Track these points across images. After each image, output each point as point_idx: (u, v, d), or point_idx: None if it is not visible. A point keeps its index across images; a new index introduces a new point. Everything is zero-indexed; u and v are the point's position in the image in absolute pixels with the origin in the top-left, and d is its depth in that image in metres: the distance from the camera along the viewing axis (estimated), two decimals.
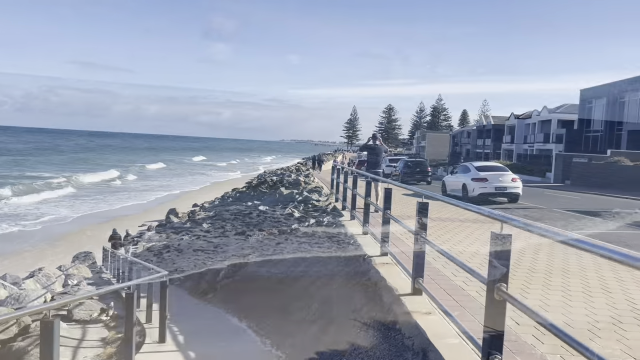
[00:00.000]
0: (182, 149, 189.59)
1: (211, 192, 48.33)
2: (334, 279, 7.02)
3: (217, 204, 34.05)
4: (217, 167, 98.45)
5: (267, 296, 8.81)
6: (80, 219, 32.27)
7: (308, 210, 14.33)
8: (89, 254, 21.63)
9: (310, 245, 10.02)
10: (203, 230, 22.78)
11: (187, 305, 10.81)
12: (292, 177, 29.81)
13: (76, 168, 72.45)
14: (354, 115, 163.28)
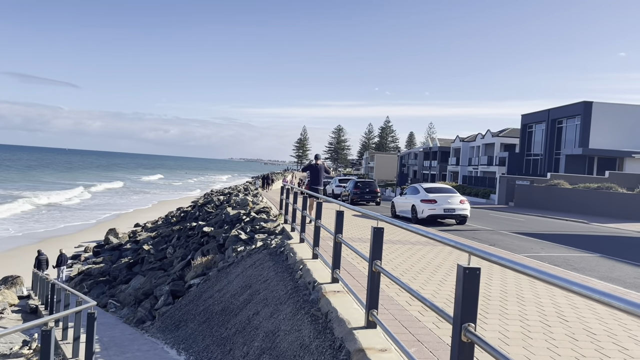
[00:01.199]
0: (135, 167, 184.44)
1: (156, 211, 46.64)
2: (280, 309, 6.51)
3: (160, 224, 32.74)
4: (173, 186, 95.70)
5: (208, 327, 8.16)
6: (11, 239, 30.07)
7: (256, 231, 13.74)
8: (17, 278, 20.01)
9: (256, 269, 9.46)
10: (144, 252, 21.67)
11: (122, 335, 9.96)
12: (240, 196, 29.04)
13: (30, 186, 68.24)
14: (303, 135, 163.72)
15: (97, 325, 11.29)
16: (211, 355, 6.95)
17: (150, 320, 11.18)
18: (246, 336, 6.58)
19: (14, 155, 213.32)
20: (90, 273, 21.24)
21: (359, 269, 7.54)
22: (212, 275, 11.30)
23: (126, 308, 13.74)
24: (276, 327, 6.04)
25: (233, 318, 7.72)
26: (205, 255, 13.88)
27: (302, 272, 7.55)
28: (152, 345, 8.73)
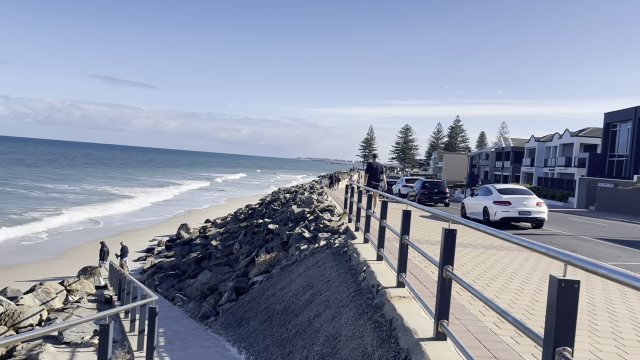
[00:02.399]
0: (215, 165, 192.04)
1: (227, 208, 47.84)
2: (342, 312, 6.18)
3: (229, 220, 33.45)
4: (255, 184, 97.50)
5: (269, 326, 7.99)
6: (94, 231, 31.81)
7: (319, 230, 13.52)
8: (95, 269, 21.01)
9: (319, 269, 9.20)
10: (212, 247, 22.11)
11: (186, 330, 10.03)
12: (305, 195, 29.04)
13: (127, 184, 72.64)
14: (370, 135, 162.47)
15: (164, 318, 11.50)
16: (270, 357, 6.75)
17: (214, 316, 11.23)
18: (306, 339, 6.31)
19: (103, 153, 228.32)
20: (162, 266, 21.92)
21: (426, 273, 7.07)
22: (275, 273, 11.18)
23: (192, 302, 13.95)
24: (337, 331, 5.72)
25: (294, 319, 7.49)
26: (269, 252, 13.83)
27: (365, 274, 7.19)
28: (214, 341, 8.69)
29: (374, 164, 15.34)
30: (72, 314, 13.01)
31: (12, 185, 57.32)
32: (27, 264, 22.60)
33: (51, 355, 8.35)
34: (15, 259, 23.25)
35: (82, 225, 34.23)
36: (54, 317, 12.55)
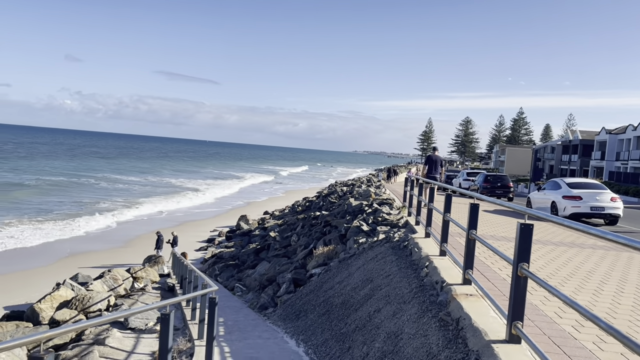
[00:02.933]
0: (277, 158, 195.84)
1: (285, 200, 48.36)
2: (404, 309, 5.95)
3: (287, 212, 33.75)
4: (317, 177, 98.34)
5: (327, 320, 7.87)
6: (159, 221, 32.99)
7: (378, 223, 13.27)
8: (159, 257, 21.74)
9: (378, 263, 8.98)
10: (271, 238, 22.34)
11: (245, 320, 10.11)
12: (363, 188, 28.77)
13: (194, 176, 75.57)
14: (429, 128, 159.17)
15: (223, 308, 11.67)
16: (329, 351, 6.62)
17: (272, 307, 11.27)
18: (366, 335, 6.14)
19: (169, 146, 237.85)
20: (222, 256, 22.38)
21: (493, 270, 6.71)
22: (333, 266, 11.06)
23: (251, 293, 14.10)
24: (399, 328, 5.51)
25: (353, 313, 7.32)
26: (327, 245, 13.73)
27: (428, 269, 6.91)
28: (272, 333, 8.69)
29: (433, 156, 15.37)
30: (137, 301, 13.47)
31: (88, 176, 60.58)
32: (97, 251, 23.74)
33: (117, 340, 8.62)
34: (87, 246, 24.49)
35: (147, 215, 35.58)
36: (121, 303, 13.03)
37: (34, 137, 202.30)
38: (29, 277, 18.72)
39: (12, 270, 19.41)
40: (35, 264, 20.69)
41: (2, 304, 15.45)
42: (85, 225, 29.26)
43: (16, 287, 17.25)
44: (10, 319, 12.66)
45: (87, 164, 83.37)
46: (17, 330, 11.05)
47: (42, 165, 70.93)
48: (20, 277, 18.62)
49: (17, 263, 20.59)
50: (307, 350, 7.19)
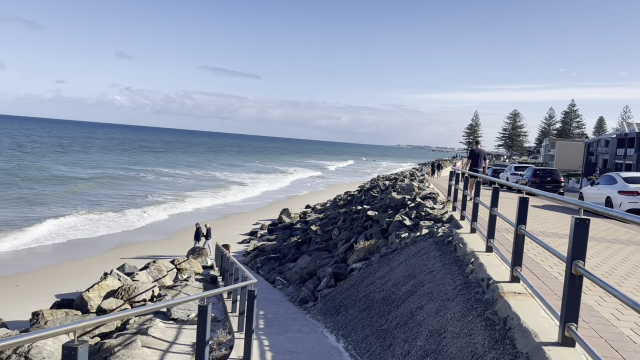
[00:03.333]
0: (322, 153, 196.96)
1: (326, 194, 48.35)
2: (447, 306, 5.72)
3: (328, 206, 33.69)
4: (366, 172, 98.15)
5: (368, 315, 7.70)
6: (201, 214, 33.62)
7: (421, 218, 12.96)
8: (203, 249, 22.11)
9: (420, 258, 8.73)
10: (312, 232, 22.32)
11: (285, 313, 10.07)
12: (406, 182, 28.33)
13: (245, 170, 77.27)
14: (475, 121, 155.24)
15: (264, 300, 11.69)
16: (370, 348, 6.46)
17: (312, 301, 11.19)
18: (408, 332, 5.94)
19: (216, 141, 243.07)
20: (264, 249, 22.54)
21: (543, 268, 6.36)
22: (374, 261, 10.87)
23: (292, 286, 14.08)
24: (442, 326, 5.28)
25: (394, 309, 7.13)
26: (368, 239, 13.54)
27: (473, 266, 6.63)
28: (312, 327, 8.60)
29: (476, 150, 15.56)
30: (180, 292, 13.69)
31: (139, 170, 62.46)
32: (144, 242, 24.40)
33: (160, 330, 8.74)
34: (135, 238, 25.22)
35: (192, 208, 36.31)
36: (164, 293, 13.28)
37: (88, 132, 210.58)
38: (79, 266, 19.42)
39: (64, 260, 20.19)
40: (85, 254, 21.45)
41: (55, 292, 16.07)
42: (134, 218, 30.15)
43: (67, 276, 17.92)
44: (61, 306, 13.12)
45: (138, 158, 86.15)
46: (67, 318, 11.43)
47: (97, 159, 73.76)
48: (72, 267, 19.33)
49: (70, 253, 21.41)
50: (347, 346, 7.05)
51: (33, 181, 43.39)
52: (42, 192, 37.39)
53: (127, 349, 7.11)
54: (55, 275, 18.03)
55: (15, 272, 18.06)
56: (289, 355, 6.62)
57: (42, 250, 21.60)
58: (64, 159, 69.11)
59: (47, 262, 19.74)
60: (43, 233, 24.09)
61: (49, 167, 56.84)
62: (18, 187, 39.30)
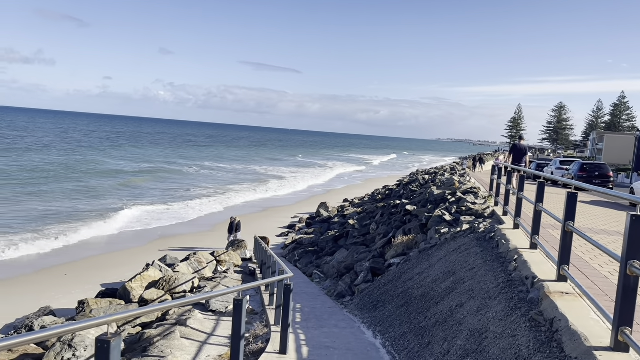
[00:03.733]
0: (363, 147, 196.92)
1: (364, 188, 48.09)
2: (489, 305, 5.51)
3: (366, 200, 33.48)
4: (407, 166, 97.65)
5: (406, 312, 7.55)
6: (242, 207, 34.03)
7: (461, 213, 12.65)
8: (242, 242, 22.36)
9: (461, 255, 8.49)
10: (349, 226, 22.22)
11: (322, 307, 10.02)
12: (446, 176, 27.80)
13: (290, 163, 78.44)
14: (518, 114, 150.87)
15: (301, 294, 11.68)
16: (408, 345, 6.32)
17: (349, 296, 11.10)
18: (447, 331, 5.76)
19: (257, 135, 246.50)
20: (302, 242, 22.60)
21: (592, 267, 6.05)
22: (412, 256, 10.67)
23: (329, 280, 14.03)
24: (484, 326, 5.09)
25: (433, 307, 6.95)
26: (407, 234, 13.32)
27: (516, 263, 6.38)
28: (349, 322, 8.51)
29: (518, 145, 15.61)
30: (219, 284, 13.85)
31: (188, 164, 63.86)
32: (185, 234, 24.91)
33: (198, 322, 8.85)
34: (177, 230, 25.78)
35: (234, 201, 36.81)
36: (204, 285, 13.46)
37: (135, 126, 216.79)
38: (124, 257, 19.97)
39: (112, 250, 20.83)
40: (131, 245, 22.06)
41: (100, 281, 16.57)
42: (178, 210, 30.90)
43: (112, 266, 18.46)
44: (105, 296, 13.51)
45: (184, 152, 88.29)
46: (110, 307, 11.74)
47: (147, 154, 76.08)
48: (117, 257, 19.91)
49: (118, 244, 22.07)
50: (385, 343, 6.93)
51: (89, 174, 45.24)
52: (99, 185, 38.93)
53: (166, 340, 7.21)
54: (102, 265, 18.61)
55: (65, 262, 18.75)
56: (325, 351, 6.55)
57: (93, 241, 22.35)
58: (116, 153, 71.34)
59: (96, 252, 20.42)
60: (97, 224, 25.00)
61: (103, 161, 58.98)
62: (76, 180, 41.03)
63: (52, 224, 23.93)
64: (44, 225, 23.69)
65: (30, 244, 20.20)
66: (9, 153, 56.90)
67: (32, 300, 14.32)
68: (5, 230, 22.16)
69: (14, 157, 54.04)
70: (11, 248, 19.37)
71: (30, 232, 21.92)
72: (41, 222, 24.26)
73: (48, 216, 26.03)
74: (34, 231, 22.20)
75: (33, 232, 21.95)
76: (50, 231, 22.50)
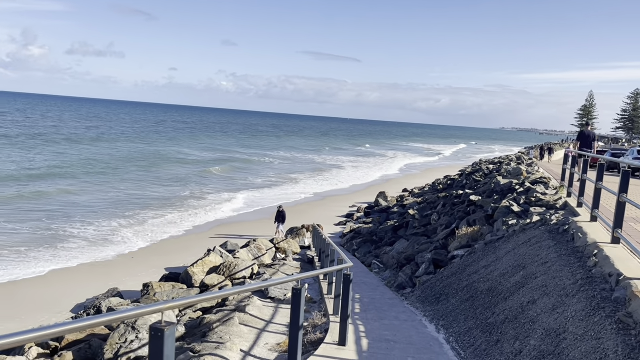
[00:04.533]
0: (427, 136, 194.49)
1: (423, 177, 47.14)
2: (566, 303, 5.06)
3: (426, 190, 32.71)
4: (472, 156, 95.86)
5: (471, 306, 7.16)
6: (296, 195, 34.24)
7: (530, 203, 11.96)
8: (300, 230, 22.42)
9: (531, 248, 7.96)
10: (409, 216, 21.74)
11: (381, 298, 9.78)
12: (512, 165, 26.62)
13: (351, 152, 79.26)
14: (589, 101, 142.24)
15: (360, 284, 11.48)
16: (474, 342, 5.97)
17: (410, 287, 10.77)
18: (518, 329, 5.37)
19: (320, 125, 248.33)
20: (360, 232, 22.35)
21: None
22: (477, 248, 10.18)
23: (388, 270, 13.73)
24: (561, 325, 4.67)
25: (501, 302, 6.54)
26: (471, 225, 12.77)
27: (596, 258, 5.86)
28: (410, 314, 8.22)
29: (586, 131, 15.24)
30: (277, 271, 13.89)
31: (259, 154, 65.22)
32: (246, 221, 25.33)
33: (257, 308, 8.84)
34: (239, 217, 26.28)
35: (294, 190, 37.12)
36: (263, 271, 13.54)
37: (201, 116, 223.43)
38: (187, 242, 20.53)
39: (176, 235, 21.49)
40: (195, 230, 22.69)
41: (164, 265, 17.10)
42: (242, 198, 31.69)
43: (175, 251, 19.01)
44: (168, 279, 13.88)
45: (258, 141, 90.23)
46: (172, 291, 12.02)
47: (221, 143, 78.52)
48: (180, 242, 20.49)
49: (183, 229, 22.74)
50: (448, 338, 6.60)
51: (170, 162, 47.36)
52: (173, 174, 40.77)
53: (225, 326, 7.22)
54: (166, 250, 19.20)
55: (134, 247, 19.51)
56: (385, 344, 6.32)
57: (160, 227, 23.13)
58: (191, 143, 73.73)
59: (161, 236, 21.12)
60: (169, 211, 26.03)
61: (181, 150, 61.39)
62: (158, 167, 43.15)
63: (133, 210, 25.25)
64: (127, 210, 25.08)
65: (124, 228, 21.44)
66: (99, 142, 60.03)
67: (102, 282, 15.00)
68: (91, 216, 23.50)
69: (102, 146, 56.83)
70: (115, 234, 20.52)
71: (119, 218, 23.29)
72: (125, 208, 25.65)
73: (124, 202, 27.37)
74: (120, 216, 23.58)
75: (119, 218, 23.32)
76: (135, 218, 23.73)
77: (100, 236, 20.35)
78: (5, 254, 17.10)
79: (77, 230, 20.99)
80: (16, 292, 14.00)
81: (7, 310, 12.69)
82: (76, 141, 60.80)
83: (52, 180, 32.60)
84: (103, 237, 20.21)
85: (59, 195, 28.29)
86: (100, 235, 20.52)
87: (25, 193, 27.66)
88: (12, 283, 14.73)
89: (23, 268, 15.97)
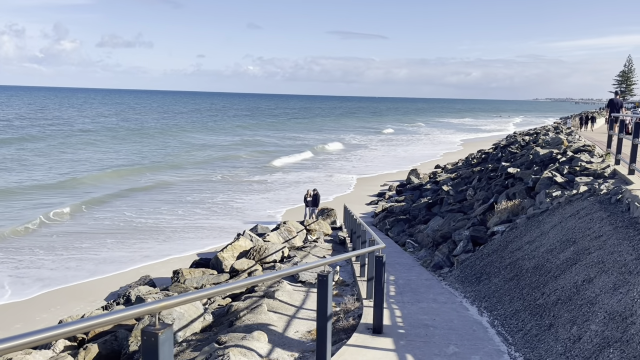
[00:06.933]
0: (468, 111, 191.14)
1: (458, 153, 46.00)
2: (630, 281, 4.45)
3: (460, 165, 31.76)
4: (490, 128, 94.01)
5: (516, 286, 6.57)
6: (330, 177, 33.78)
7: (575, 173, 11.16)
8: (331, 211, 22.02)
9: (581, 221, 7.29)
10: (443, 192, 21.02)
11: (417, 280, 9.27)
12: (550, 135, 25.44)
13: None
14: (628, 67, 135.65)
15: (394, 264, 10.98)
16: (523, 326, 5.41)
17: (447, 267, 10.21)
18: (574, 311, 4.79)
19: (348, 104, 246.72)
20: (393, 211, 21.79)
21: None
22: (520, 223, 9.53)
23: (424, 250, 13.18)
24: (627, 307, 4.09)
25: (551, 281, 5.95)
26: (511, 199, 12.06)
27: None
28: (449, 296, 7.69)
29: (615, 99, 16.52)
30: (309, 253, 13.51)
31: (291, 138, 65.03)
32: (271, 206, 25.05)
33: (287, 294, 8.47)
34: (264, 202, 26.02)
35: (325, 172, 36.70)
36: (294, 255, 13.18)
37: (230, 102, 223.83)
38: (218, 227, 20.39)
39: (205, 218, 21.40)
40: (221, 215, 22.54)
41: (195, 250, 16.99)
42: (272, 180, 31.55)
43: (207, 236, 18.89)
44: (199, 266, 13.69)
45: (287, 125, 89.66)
46: (203, 277, 11.79)
47: (249, 128, 78.59)
48: (212, 227, 20.37)
49: (211, 215, 22.65)
50: (493, 322, 6.06)
51: (202, 150, 47.76)
52: (208, 158, 41.17)
53: (253, 314, 6.86)
54: (197, 235, 19.10)
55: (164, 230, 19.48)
56: (424, 330, 5.83)
57: (192, 211, 23.12)
58: (230, 130, 74.00)
59: (192, 223, 21.05)
60: (193, 196, 26.05)
61: (212, 138, 61.74)
62: (190, 154, 43.53)
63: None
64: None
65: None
66: (142, 136, 60.73)
67: (134, 270, 14.97)
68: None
69: (147, 139, 57.50)
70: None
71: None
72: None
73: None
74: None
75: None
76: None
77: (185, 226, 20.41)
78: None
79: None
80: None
81: (43, 302, 12.76)
82: (169, 133, 62.47)
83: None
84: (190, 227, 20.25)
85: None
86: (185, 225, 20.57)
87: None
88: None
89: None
